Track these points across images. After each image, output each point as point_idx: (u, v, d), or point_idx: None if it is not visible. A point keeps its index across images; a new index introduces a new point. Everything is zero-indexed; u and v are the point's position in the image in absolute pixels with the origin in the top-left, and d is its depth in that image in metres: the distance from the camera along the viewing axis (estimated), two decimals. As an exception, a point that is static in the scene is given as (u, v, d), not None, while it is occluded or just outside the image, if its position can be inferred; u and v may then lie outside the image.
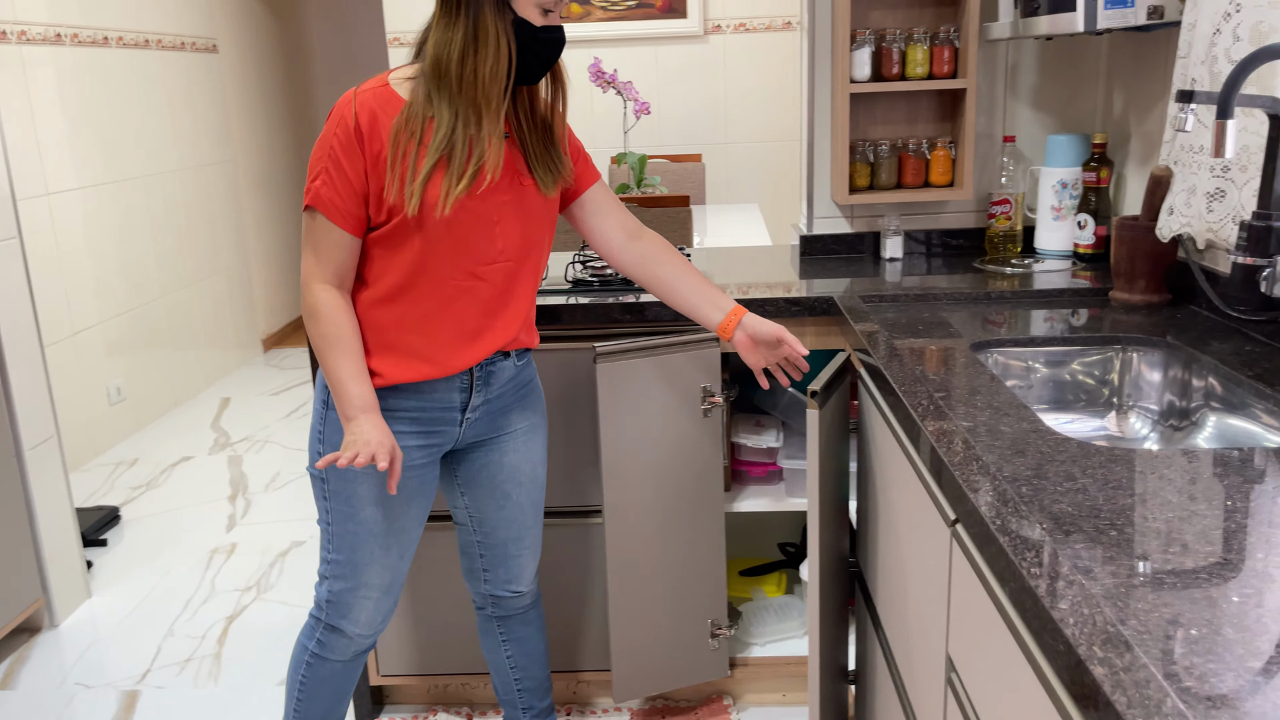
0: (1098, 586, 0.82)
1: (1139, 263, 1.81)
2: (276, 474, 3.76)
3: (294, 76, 6.23)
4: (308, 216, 1.53)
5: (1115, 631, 0.75)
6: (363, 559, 1.64)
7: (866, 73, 2.20)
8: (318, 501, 1.64)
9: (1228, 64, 1.56)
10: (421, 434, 1.62)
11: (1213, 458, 1.10)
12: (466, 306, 1.57)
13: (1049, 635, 0.79)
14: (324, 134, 1.50)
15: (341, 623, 1.67)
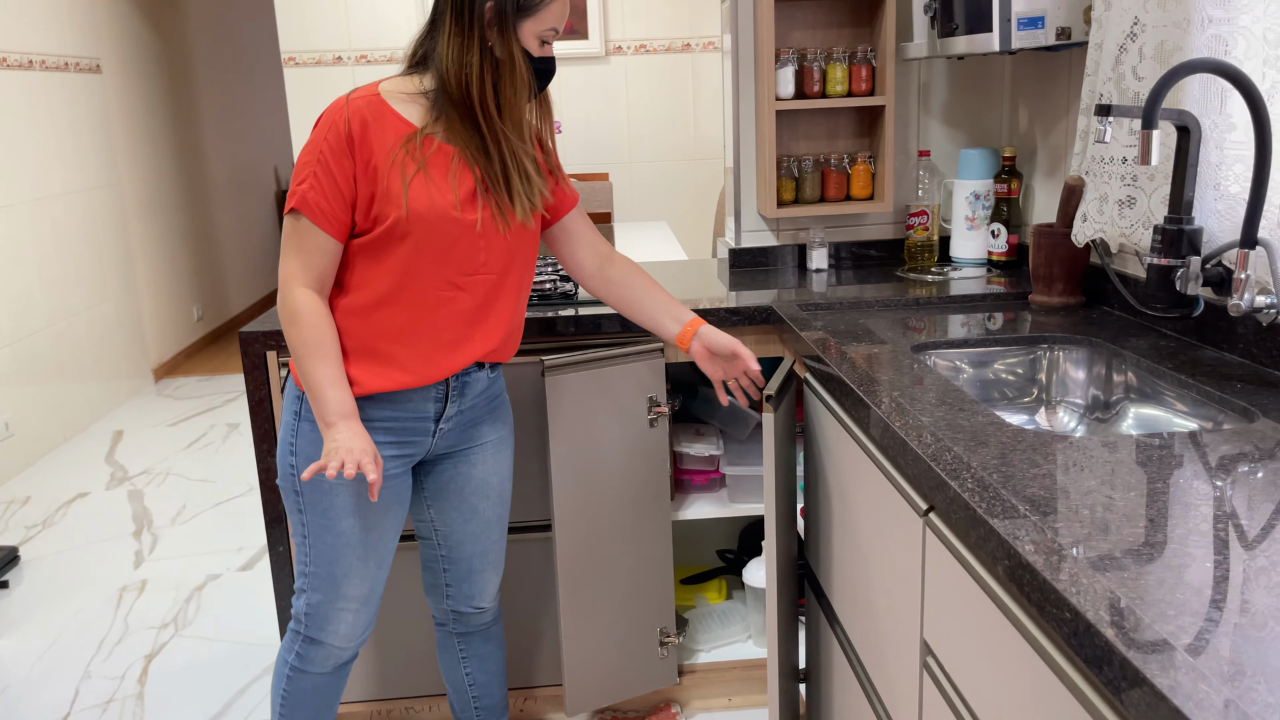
0: (1087, 559, 0.88)
1: (1056, 267, 1.93)
2: (183, 507, 3.63)
3: (179, 97, 6.04)
4: (290, 219, 1.51)
5: (1115, 597, 0.81)
6: (341, 571, 1.62)
7: (791, 91, 2.28)
8: (291, 515, 1.61)
9: (1134, 80, 1.68)
10: (395, 444, 1.62)
11: (1159, 442, 1.19)
12: (447, 317, 1.57)
13: (1052, 605, 0.85)
14: (312, 139, 1.50)
15: (321, 635, 1.65)
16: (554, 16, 1.53)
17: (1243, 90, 1.32)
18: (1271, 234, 1.42)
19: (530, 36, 1.52)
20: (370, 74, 5.05)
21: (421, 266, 1.53)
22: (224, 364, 5.74)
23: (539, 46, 1.54)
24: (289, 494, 1.60)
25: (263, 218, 7.62)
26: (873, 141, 2.38)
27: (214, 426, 4.56)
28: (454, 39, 1.49)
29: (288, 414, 1.60)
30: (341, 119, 1.49)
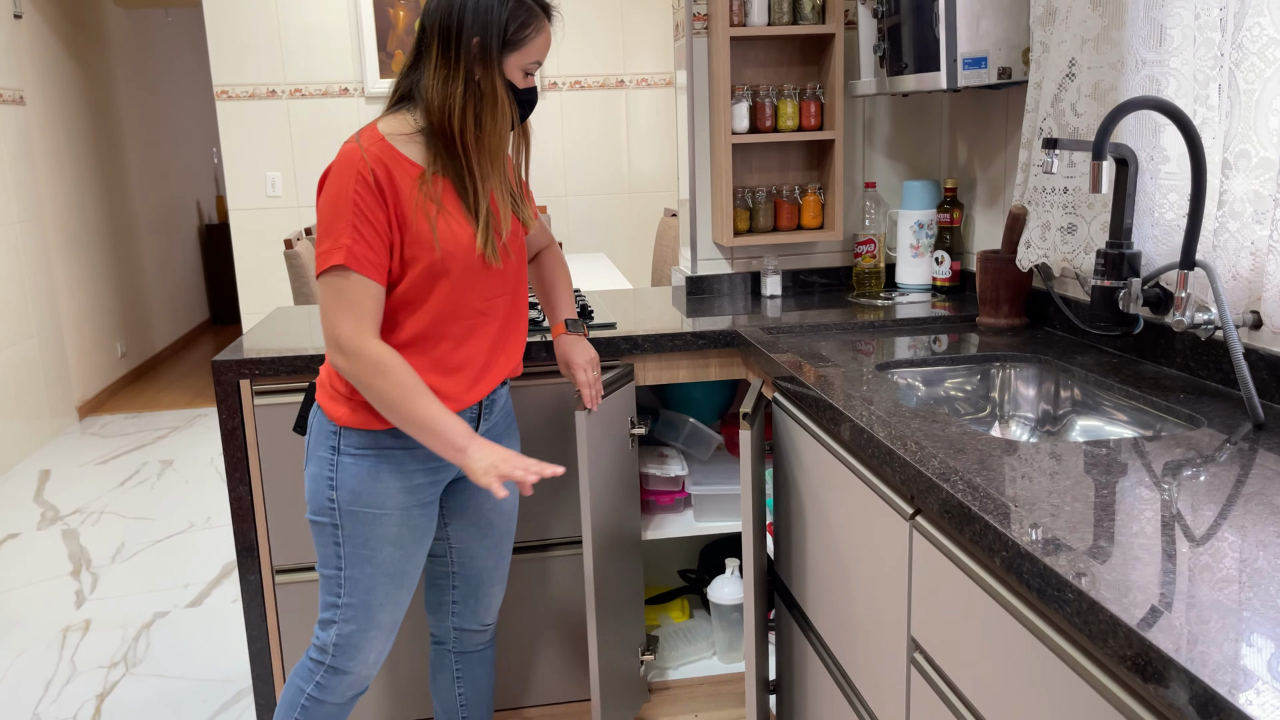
0: (1081, 547, 0.97)
1: (1002, 290, 2.05)
2: (121, 545, 3.54)
3: (103, 130, 5.93)
4: (335, 279, 1.49)
5: (1116, 578, 0.90)
6: (377, 600, 1.64)
7: (745, 125, 2.39)
8: (325, 548, 1.63)
9: (1074, 116, 1.82)
10: (431, 470, 1.66)
11: (1124, 447, 1.29)
12: (478, 342, 1.63)
13: (1053, 589, 0.93)
14: (338, 191, 1.49)
15: (349, 664, 1.67)
16: (538, 50, 1.58)
17: (1181, 126, 1.45)
18: (1206, 256, 1.55)
19: (515, 69, 1.57)
20: (305, 108, 5.04)
21: (457, 300, 1.58)
22: (150, 400, 5.61)
23: (522, 78, 1.59)
24: (325, 528, 1.62)
25: (186, 252, 7.48)
26: (822, 174, 2.50)
27: (146, 464, 4.46)
28: (439, 72, 1.53)
29: (321, 449, 1.61)
30: (365, 168, 1.49)
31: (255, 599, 2.06)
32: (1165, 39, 1.62)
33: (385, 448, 1.61)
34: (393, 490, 1.62)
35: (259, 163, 5.06)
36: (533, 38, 1.56)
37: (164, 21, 7.18)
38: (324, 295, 1.51)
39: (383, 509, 1.61)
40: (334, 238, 1.49)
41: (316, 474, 1.62)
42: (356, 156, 1.50)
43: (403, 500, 1.63)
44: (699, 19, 2.42)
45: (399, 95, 1.61)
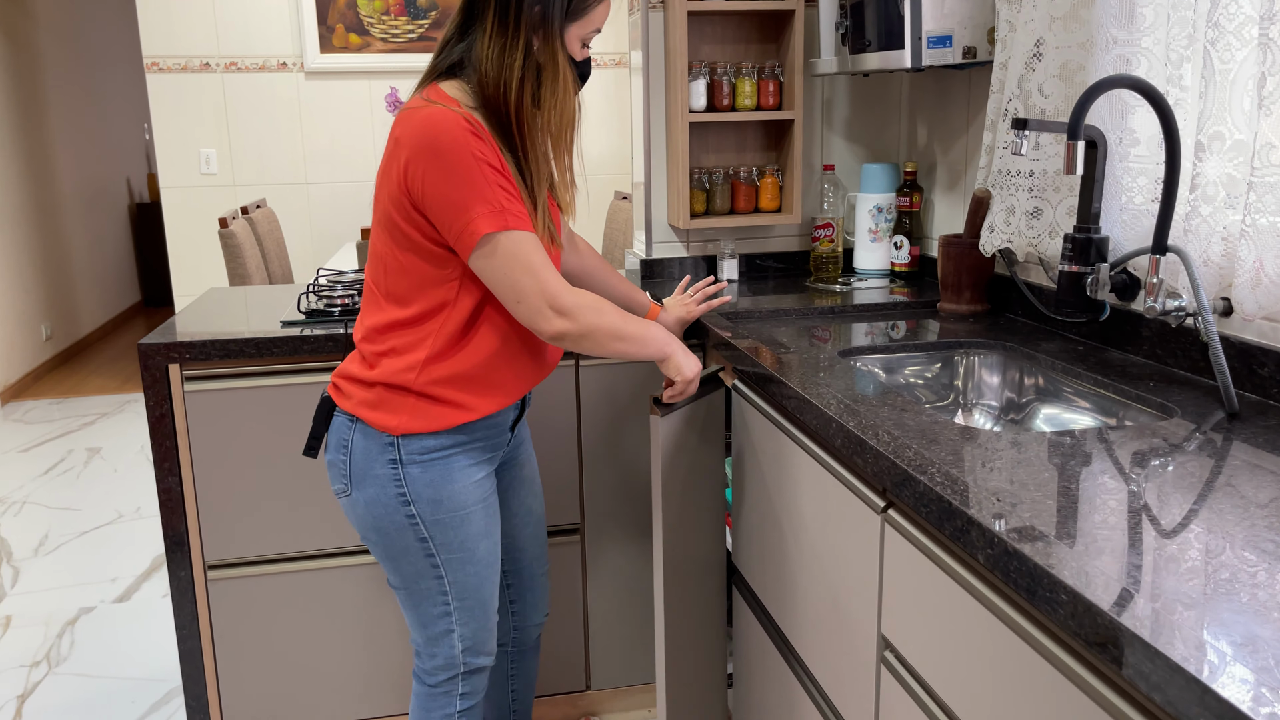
0: (1072, 543, 0.92)
1: (964, 276, 2.01)
2: (45, 537, 3.38)
3: (26, 104, 5.67)
4: (508, 244, 1.40)
5: (1109, 576, 0.85)
6: (488, 592, 1.61)
7: (703, 103, 2.31)
8: (413, 565, 1.53)
9: (1040, 97, 1.78)
10: (491, 459, 1.60)
11: (1097, 436, 1.25)
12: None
13: (1044, 589, 0.88)
14: (458, 158, 1.37)
15: (480, 659, 1.64)
16: (599, 18, 1.49)
17: (1157, 107, 1.41)
18: (1177, 241, 1.51)
19: (574, 40, 1.48)
20: (241, 82, 4.85)
21: None
22: (77, 385, 5.39)
23: (580, 50, 1.50)
24: (409, 545, 1.52)
25: (116, 232, 7.21)
26: (780, 155, 2.44)
27: (72, 452, 4.28)
28: (495, 41, 1.42)
29: (375, 467, 1.49)
30: (472, 131, 1.39)
31: (186, 595, 1.95)
32: (1137, 17, 1.58)
33: (452, 446, 1.52)
34: (469, 486, 1.54)
35: (192, 139, 4.87)
36: (593, 6, 1.47)
37: (92, -10, 6.90)
38: (500, 274, 1.41)
39: (467, 507, 1.54)
40: (484, 203, 1.38)
41: (378, 496, 1.50)
42: (455, 123, 1.38)
43: (480, 492, 1.56)
44: (655, -8, 2.34)
45: (450, 64, 1.49)
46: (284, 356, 1.89)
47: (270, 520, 1.95)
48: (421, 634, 1.59)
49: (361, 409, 1.49)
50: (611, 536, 2.13)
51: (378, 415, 1.48)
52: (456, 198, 1.38)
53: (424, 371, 1.47)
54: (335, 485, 1.54)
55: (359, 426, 1.50)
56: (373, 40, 4.94)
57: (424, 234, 1.44)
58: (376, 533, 1.53)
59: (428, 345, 1.48)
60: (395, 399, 1.48)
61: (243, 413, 1.90)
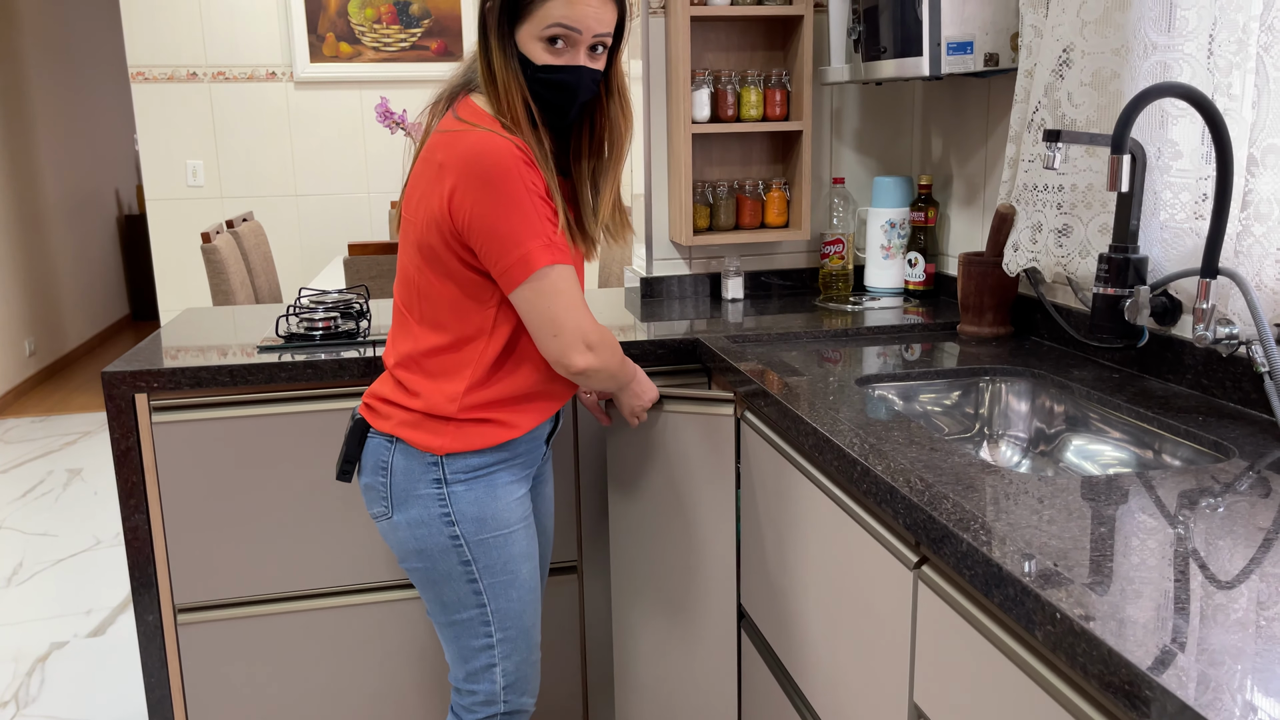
0: (1145, 622, 0.79)
1: (986, 297, 1.89)
2: (19, 565, 3.24)
3: (11, 114, 5.54)
4: (543, 283, 1.37)
5: (1202, 668, 0.72)
6: (529, 620, 1.54)
7: (706, 114, 2.19)
8: (454, 591, 1.47)
9: (1070, 106, 1.66)
10: (527, 478, 1.56)
11: (1151, 480, 1.12)
12: None
13: (1124, 682, 0.75)
14: (510, 189, 1.33)
15: (523, 699, 1.55)
16: (555, 13, 1.33)
17: (1208, 118, 1.29)
18: (1226, 263, 1.39)
19: (529, 41, 1.36)
20: (229, 92, 4.73)
21: None
22: (61, 403, 5.25)
23: (545, 52, 1.36)
24: (451, 570, 1.47)
25: (104, 243, 7.08)
26: (787, 168, 2.32)
27: (52, 473, 4.14)
28: (480, 53, 1.41)
29: (419, 488, 1.45)
30: (523, 162, 1.35)
31: (154, 641, 1.82)
32: (1178, 21, 1.46)
33: (496, 463, 1.49)
34: (512, 503, 1.50)
35: (179, 150, 4.74)
36: (539, 3, 1.33)
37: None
38: (541, 308, 1.38)
39: (510, 526, 1.49)
40: (536, 236, 1.35)
41: (422, 517, 1.45)
42: (505, 151, 1.33)
43: (522, 509, 1.52)
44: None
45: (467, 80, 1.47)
46: (260, 385, 1.76)
47: (245, 560, 1.82)
48: (462, 669, 1.53)
49: (402, 429, 1.45)
50: (610, 576, 2.00)
51: (420, 435, 1.44)
52: (506, 230, 1.34)
53: (466, 399, 1.45)
54: (374, 509, 1.49)
55: (399, 447, 1.45)
56: (364, 49, 4.82)
57: (464, 262, 1.41)
58: (419, 556, 1.47)
59: (467, 375, 1.45)
60: (437, 422, 1.45)
61: (215, 445, 1.77)
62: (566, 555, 1.98)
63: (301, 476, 1.81)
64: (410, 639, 1.91)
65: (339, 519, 1.84)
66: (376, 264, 2.92)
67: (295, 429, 1.79)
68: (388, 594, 1.89)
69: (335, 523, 1.84)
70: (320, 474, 1.81)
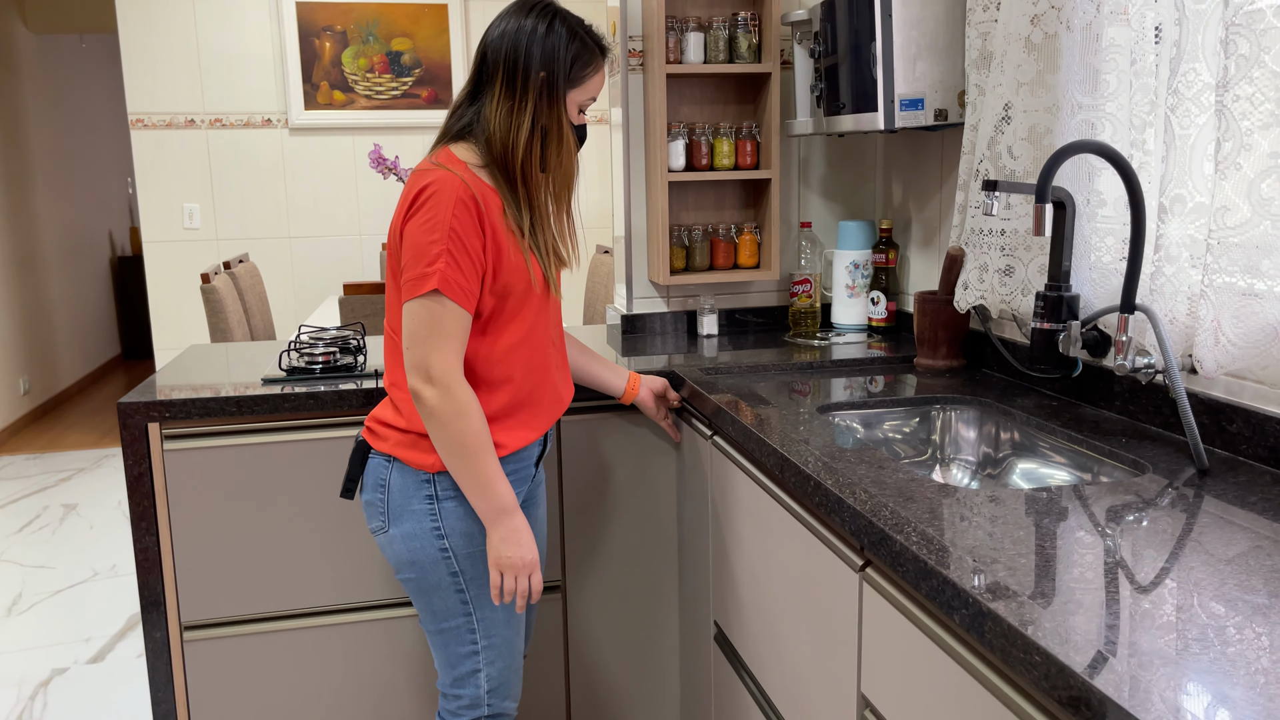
0: (1042, 604, 0.93)
1: (940, 332, 2.04)
2: (19, 595, 3.33)
3: (9, 158, 5.69)
4: (432, 303, 1.47)
5: (1081, 639, 0.86)
6: (514, 629, 1.65)
7: (682, 163, 2.36)
8: (443, 601, 1.59)
9: (1010, 159, 1.82)
10: (519, 483, 1.67)
11: (1073, 494, 1.27)
12: (555, 371, 1.68)
13: (1019, 650, 0.89)
14: (436, 216, 1.46)
15: (505, 703, 1.66)
16: (595, 87, 1.61)
17: (1121, 171, 1.45)
18: (1144, 300, 1.55)
19: (573, 106, 1.59)
20: (225, 139, 4.89)
21: (540, 329, 1.62)
22: (55, 440, 5.35)
23: (578, 115, 1.62)
24: (441, 581, 1.59)
25: (97, 285, 7.20)
26: (758, 213, 2.48)
27: (48, 508, 4.23)
28: (503, 104, 1.55)
29: (413, 503, 1.57)
30: (467, 195, 1.49)
31: (161, 657, 1.93)
32: (1101, 84, 1.63)
33: None
34: None
35: (176, 194, 4.89)
36: (591, 75, 1.59)
37: (77, 47, 6.96)
38: (416, 321, 1.48)
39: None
40: (429, 262, 1.46)
41: (414, 530, 1.57)
42: (457, 183, 1.48)
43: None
44: (634, 55, 2.39)
45: (461, 126, 1.60)
46: (265, 415, 1.89)
47: (248, 580, 1.94)
48: (449, 674, 1.65)
49: (399, 449, 1.58)
50: (594, 593, 2.12)
51: (414, 454, 1.57)
52: (425, 244, 1.47)
53: None
54: (373, 524, 1.62)
55: (396, 465, 1.58)
56: (357, 97, 5.00)
57: None
58: (411, 567, 1.59)
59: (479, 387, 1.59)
60: (429, 441, 1.56)
61: (222, 471, 1.89)
62: (551, 575, 2.10)
63: (304, 500, 1.93)
64: (410, 654, 2.03)
65: (339, 539, 1.96)
66: (371, 303, 3.06)
67: (298, 456, 1.92)
68: (387, 611, 2.01)
69: (335, 543, 1.96)
70: (321, 497, 1.94)
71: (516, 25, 1.54)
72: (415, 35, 5.04)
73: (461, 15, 5.07)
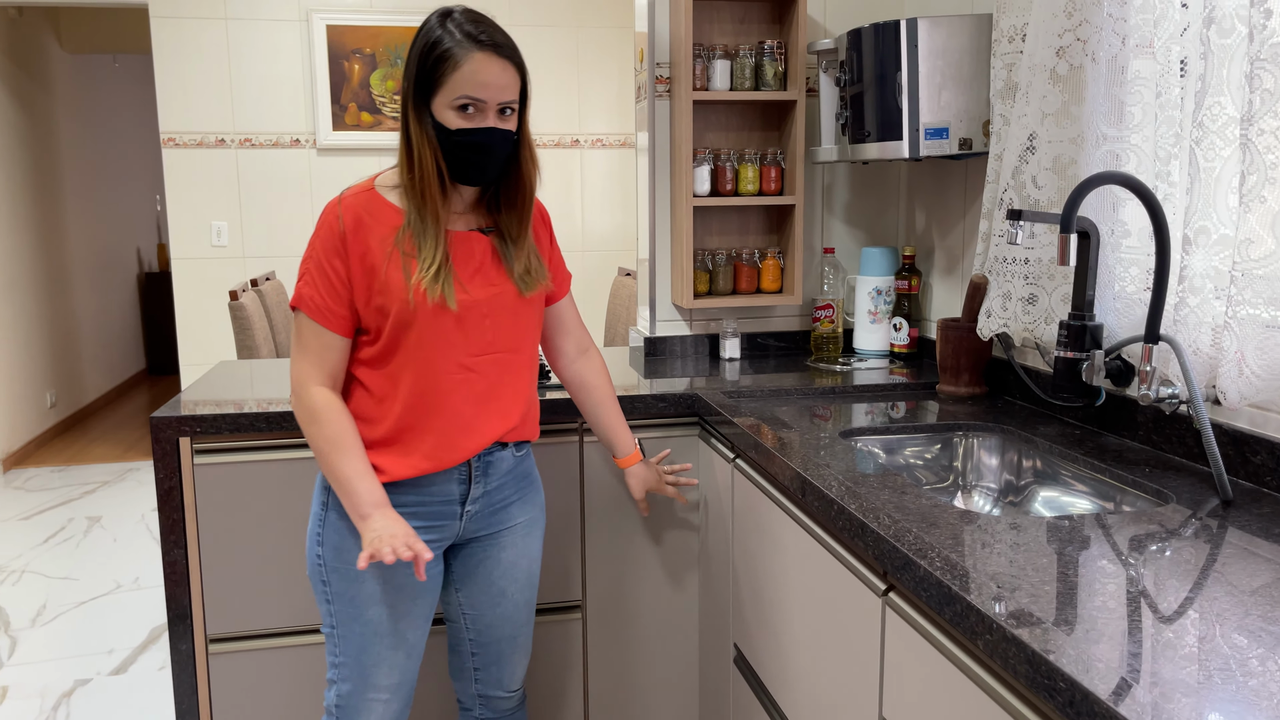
0: (1065, 630, 0.94)
1: (963, 359, 2.05)
2: (43, 606, 3.37)
3: (42, 176, 5.79)
4: (299, 319, 1.56)
5: (1105, 666, 0.87)
6: (370, 660, 1.61)
7: (707, 188, 2.38)
8: (320, 605, 1.62)
9: (1034, 188, 1.84)
10: (425, 529, 1.63)
11: (1094, 522, 1.27)
12: (461, 399, 1.59)
13: (1043, 676, 0.89)
14: (312, 238, 1.55)
15: None
16: (465, 81, 1.48)
17: (1146, 202, 1.47)
18: (1168, 330, 1.56)
19: (443, 110, 1.50)
20: (254, 158, 4.97)
21: (429, 352, 1.56)
22: (80, 453, 5.41)
23: (457, 118, 1.50)
24: (316, 584, 1.62)
25: (124, 300, 7.30)
26: (782, 238, 2.50)
27: (72, 520, 4.28)
28: (401, 125, 1.57)
29: (315, 505, 1.63)
30: (335, 218, 1.53)
31: (186, 669, 1.95)
32: (1126, 115, 1.65)
33: None
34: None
35: (205, 211, 4.96)
36: (450, 73, 1.48)
37: (111, 67, 7.08)
38: (296, 337, 1.57)
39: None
40: (298, 279, 1.57)
41: (309, 530, 1.63)
42: (330, 207, 1.55)
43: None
44: (662, 82, 2.42)
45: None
46: (293, 430, 1.92)
47: (274, 594, 1.96)
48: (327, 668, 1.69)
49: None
50: (614, 614, 2.13)
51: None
52: (301, 263, 1.57)
53: None
54: None
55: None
56: (383, 119, 5.07)
57: None
58: (307, 564, 1.67)
59: (352, 410, 1.60)
60: None
61: (251, 486, 1.92)
62: (571, 595, 2.12)
63: (328, 517, 1.95)
64: (434, 672, 2.04)
65: (361, 557, 1.98)
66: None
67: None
68: (404, 629, 2.02)
69: (358, 561, 1.98)
70: (346, 515, 1.96)
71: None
72: (443, 58, 5.11)
73: (488, 39, 5.14)
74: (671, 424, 2.09)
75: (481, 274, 1.59)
